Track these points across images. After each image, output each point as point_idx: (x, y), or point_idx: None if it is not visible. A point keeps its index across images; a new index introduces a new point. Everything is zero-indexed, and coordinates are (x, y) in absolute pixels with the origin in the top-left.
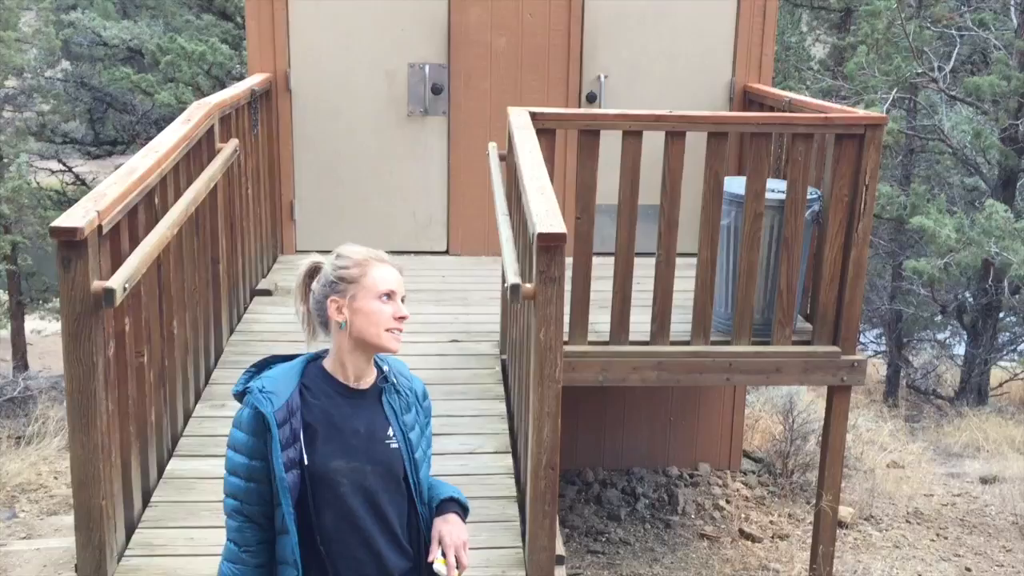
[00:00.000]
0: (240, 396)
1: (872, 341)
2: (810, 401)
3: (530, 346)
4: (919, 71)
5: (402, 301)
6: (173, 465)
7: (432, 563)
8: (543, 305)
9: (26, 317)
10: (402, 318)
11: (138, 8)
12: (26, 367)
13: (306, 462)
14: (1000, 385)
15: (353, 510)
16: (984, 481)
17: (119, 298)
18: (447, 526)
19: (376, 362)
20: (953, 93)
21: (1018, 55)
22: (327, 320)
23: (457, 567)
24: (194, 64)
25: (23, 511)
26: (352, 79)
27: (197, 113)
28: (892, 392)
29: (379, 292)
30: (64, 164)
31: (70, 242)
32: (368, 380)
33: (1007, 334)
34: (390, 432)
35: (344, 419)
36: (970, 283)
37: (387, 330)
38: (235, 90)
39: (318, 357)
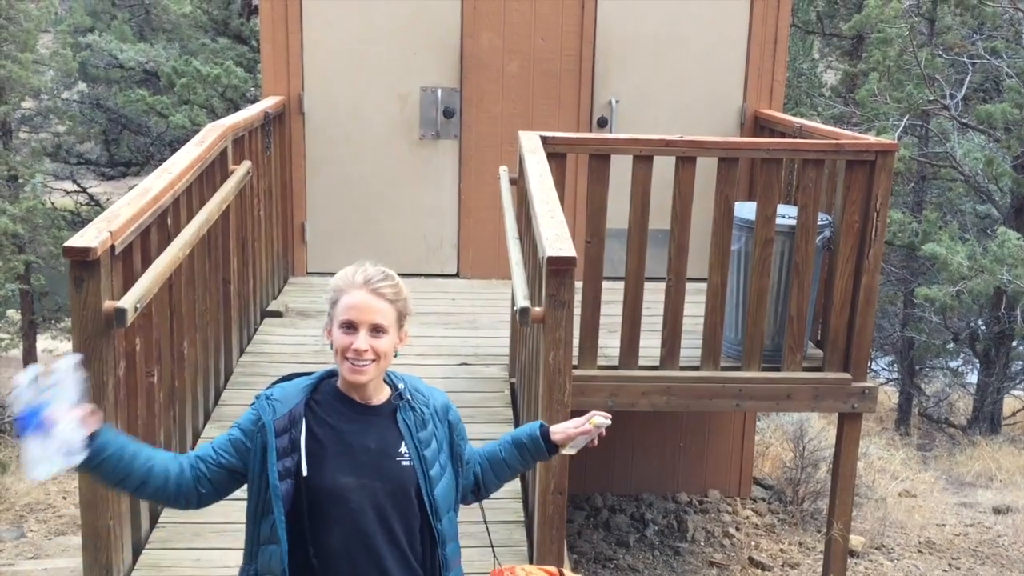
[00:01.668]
0: None
1: (884, 368)
2: (821, 428)
3: (539, 370)
4: (931, 98)
5: (377, 331)
6: None
7: (593, 425)
8: (552, 329)
9: (38, 337)
10: (357, 351)
11: (155, 31)
12: None
13: (304, 474)
14: (1013, 414)
15: (363, 527)
16: (997, 511)
17: (130, 318)
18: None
19: (391, 379)
20: (965, 121)
21: None
22: None
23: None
24: (209, 87)
25: (31, 531)
26: (365, 102)
27: (211, 135)
28: (904, 420)
29: (341, 321)
30: (79, 185)
31: (82, 262)
32: (379, 397)
33: (1020, 362)
34: (402, 449)
35: (354, 436)
36: (982, 311)
37: (345, 360)
38: (248, 113)
39: (333, 374)
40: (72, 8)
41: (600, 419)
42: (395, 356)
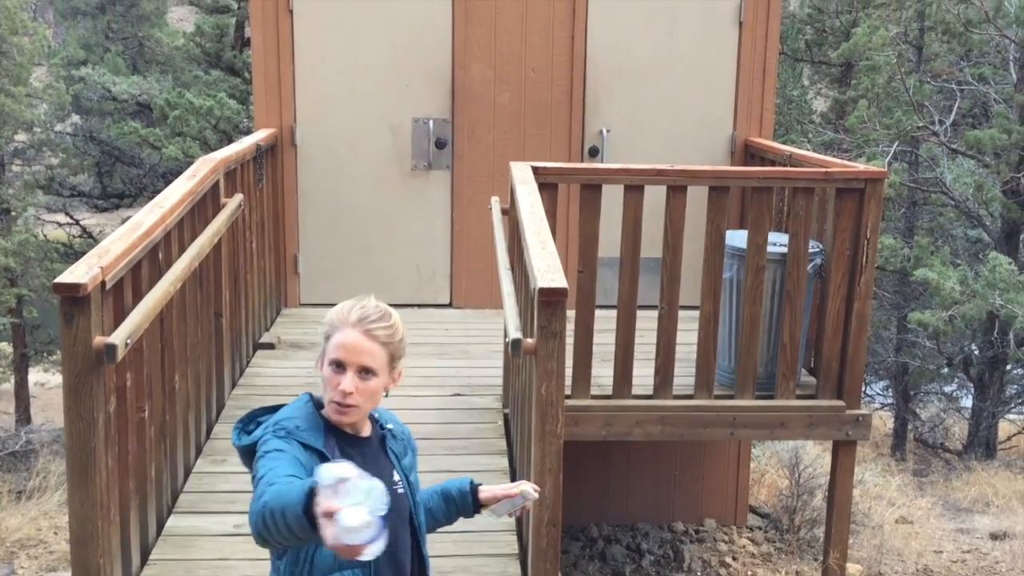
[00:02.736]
0: (247, 449)
1: (879, 393)
2: (816, 455)
3: (532, 401)
4: (920, 124)
5: (365, 373)
6: (172, 522)
7: (519, 492)
8: (544, 360)
9: (30, 369)
10: (343, 392)
11: (148, 63)
12: (28, 420)
13: None
14: (1008, 439)
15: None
16: (994, 537)
17: (120, 354)
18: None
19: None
20: (954, 146)
21: (1018, 109)
22: None
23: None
24: (202, 119)
25: (22, 567)
26: (357, 134)
27: (203, 168)
28: (900, 445)
29: (331, 358)
30: (71, 217)
31: (73, 298)
32: (367, 429)
33: (1014, 387)
34: (396, 477)
35: (362, 468)
36: (976, 335)
37: (331, 400)
38: (241, 145)
39: (320, 405)
40: (65, 41)
41: (529, 490)
42: (385, 395)
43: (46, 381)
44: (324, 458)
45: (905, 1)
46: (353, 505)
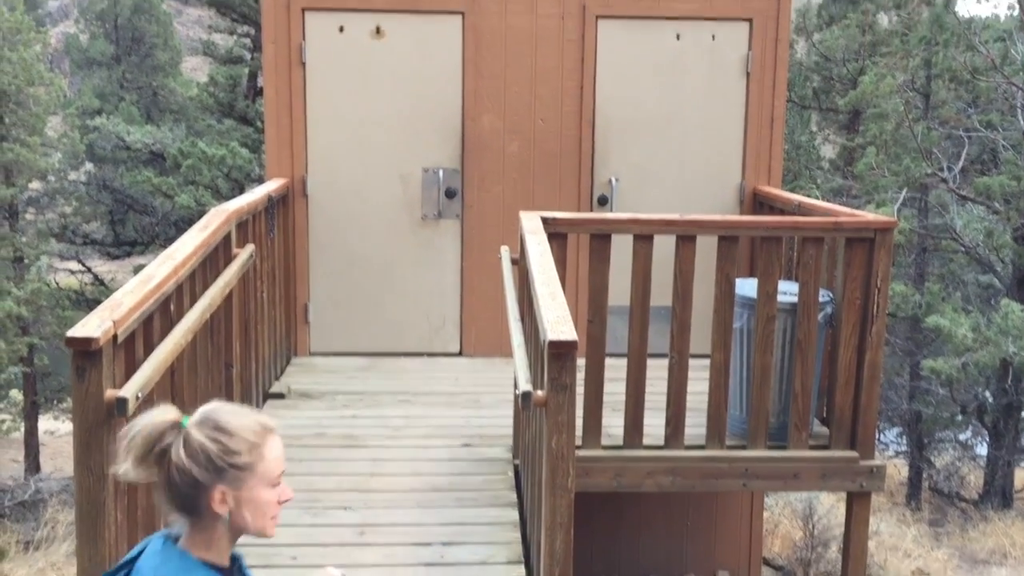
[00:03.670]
0: None
1: (893, 441)
2: (831, 505)
3: (542, 453)
4: (929, 171)
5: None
6: None
7: (327, 570)
8: (555, 412)
9: (40, 417)
10: (286, 500)
11: (162, 112)
12: (38, 468)
13: None
14: None
15: None
16: None
17: (132, 407)
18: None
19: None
20: (964, 193)
21: None
22: (199, 506)
23: None
24: (214, 167)
25: None
26: (367, 183)
27: (215, 220)
28: (915, 495)
29: (272, 479)
30: (83, 264)
31: (85, 352)
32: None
33: None
34: None
35: None
36: (989, 382)
37: (272, 517)
38: (252, 196)
39: (184, 553)
40: (81, 91)
41: (334, 572)
42: None
43: (56, 429)
44: None
45: (911, 49)
46: None
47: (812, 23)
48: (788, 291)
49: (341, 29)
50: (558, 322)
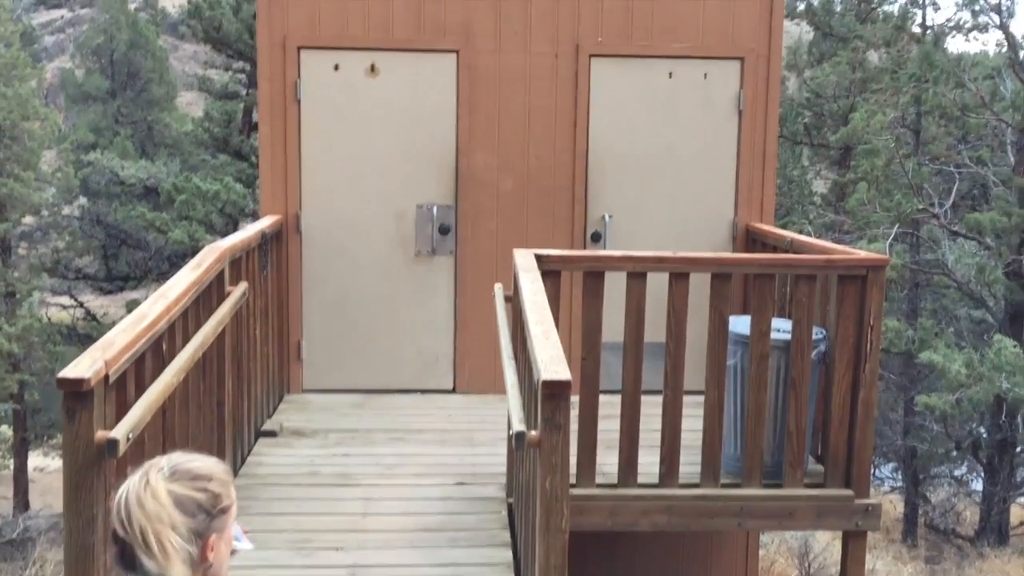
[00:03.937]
0: None
1: (888, 476)
2: (827, 543)
3: (536, 493)
4: (920, 207)
5: None
6: None
7: None
8: (548, 453)
9: (30, 453)
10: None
11: (156, 147)
12: (27, 506)
13: None
14: (1021, 524)
15: None
16: None
17: (122, 448)
18: None
19: None
20: (955, 228)
21: (1017, 191)
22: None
23: None
24: (208, 203)
25: None
26: (361, 220)
27: (208, 258)
28: (911, 531)
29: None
30: (75, 299)
31: (76, 393)
32: None
33: None
34: None
35: None
36: (983, 418)
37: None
38: (246, 233)
39: None
40: (76, 125)
41: None
42: None
43: (46, 465)
44: None
45: (902, 86)
46: None
47: (803, 60)
48: (781, 328)
49: (336, 67)
50: (552, 361)
